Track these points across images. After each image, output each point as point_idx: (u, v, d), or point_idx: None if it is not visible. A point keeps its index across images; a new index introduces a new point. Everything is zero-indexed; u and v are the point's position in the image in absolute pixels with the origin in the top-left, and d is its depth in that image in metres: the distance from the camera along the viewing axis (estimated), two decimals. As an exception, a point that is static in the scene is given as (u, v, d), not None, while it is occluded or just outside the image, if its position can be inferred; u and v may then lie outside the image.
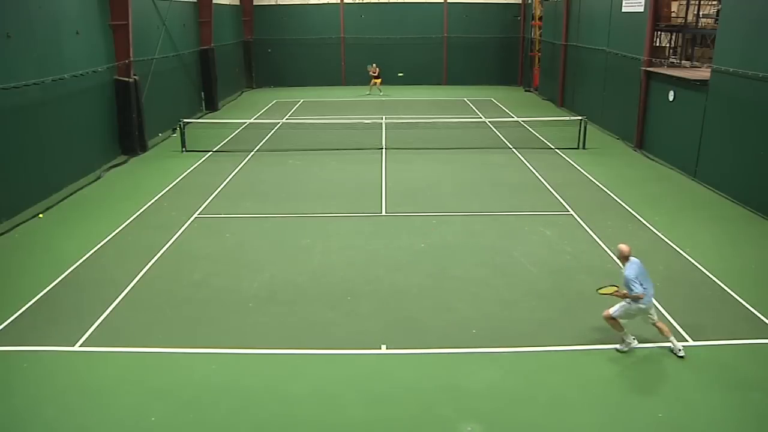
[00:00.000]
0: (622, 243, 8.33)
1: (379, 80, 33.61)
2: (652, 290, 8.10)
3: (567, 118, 23.25)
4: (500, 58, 38.29)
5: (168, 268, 11.18)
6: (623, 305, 8.08)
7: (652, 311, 8.20)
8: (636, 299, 7.91)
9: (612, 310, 8.18)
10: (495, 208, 14.41)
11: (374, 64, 33.69)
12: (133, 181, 16.97)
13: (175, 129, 21.87)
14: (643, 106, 19.94)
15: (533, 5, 34.02)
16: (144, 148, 20.42)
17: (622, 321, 8.21)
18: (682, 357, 8.13)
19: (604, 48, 23.51)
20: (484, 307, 9.62)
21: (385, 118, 24.15)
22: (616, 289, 8.16)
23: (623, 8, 21.61)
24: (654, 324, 8.26)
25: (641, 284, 7.90)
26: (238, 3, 35.33)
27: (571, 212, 14.00)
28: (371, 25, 37.29)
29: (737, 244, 12.17)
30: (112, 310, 9.54)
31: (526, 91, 35.59)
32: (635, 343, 8.33)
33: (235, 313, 9.49)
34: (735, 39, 14.99)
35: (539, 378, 7.82)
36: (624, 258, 8.18)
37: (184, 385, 7.69)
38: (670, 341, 8.24)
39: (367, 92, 33.78)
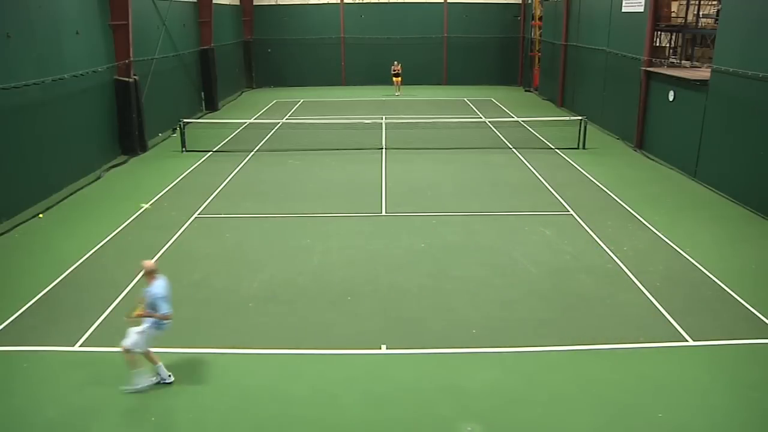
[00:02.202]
0: (147, 260, 7.74)
1: (399, 78, 33.45)
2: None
3: (567, 118, 23.25)
4: (500, 58, 38.30)
5: (168, 268, 11.05)
6: (144, 332, 7.32)
7: None
8: (165, 319, 7.35)
9: (130, 342, 7.29)
10: (495, 208, 14.41)
11: (396, 62, 33.72)
12: (133, 181, 16.97)
13: (175, 129, 21.88)
14: (643, 106, 19.94)
15: (533, 5, 34.03)
16: (144, 148, 20.42)
17: (138, 352, 7.36)
18: (162, 383, 7.61)
19: (604, 48, 23.51)
20: (484, 307, 9.62)
21: (385, 118, 24.17)
22: (140, 309, 7.42)
23: (623, 8, 21.61)
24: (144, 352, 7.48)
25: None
26: (238, 3, 35.33)
27: (571, 212, 14.00)
28: (371, 25, 37.30)
29: (737, 244, 12.17)
30: (112, 310, 9.54)
31: (526, 91, 35.59)
32: (155, 380, 7.62)
33: (235, 313, 9.49)
34: (735, 39, 14.99)
35: (539, 378, 7.82)
36: (150, 275, 7.43)
37: (183, 385, 7.68)
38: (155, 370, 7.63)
39: (396, 92, 33.57)
